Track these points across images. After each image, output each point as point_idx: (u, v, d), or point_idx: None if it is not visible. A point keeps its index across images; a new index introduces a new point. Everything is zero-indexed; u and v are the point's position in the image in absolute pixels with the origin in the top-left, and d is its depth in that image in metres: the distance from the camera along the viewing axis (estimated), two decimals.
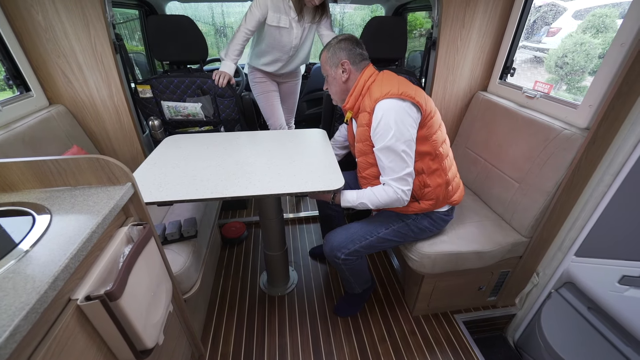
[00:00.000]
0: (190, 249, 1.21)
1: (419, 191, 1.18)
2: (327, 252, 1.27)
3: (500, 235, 1.34)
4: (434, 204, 1.21)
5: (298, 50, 1.78)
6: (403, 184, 1.09)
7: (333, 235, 1.27)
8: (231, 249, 1.95)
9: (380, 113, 1.03)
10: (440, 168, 1.16)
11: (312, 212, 2.23)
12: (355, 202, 1.17)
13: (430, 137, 1.10)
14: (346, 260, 1.25)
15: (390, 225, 1.25)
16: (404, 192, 1.10)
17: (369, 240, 1.24)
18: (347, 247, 1.23)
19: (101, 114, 1.47)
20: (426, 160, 1.13)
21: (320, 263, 1.85)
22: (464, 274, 1.39)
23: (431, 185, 1.17)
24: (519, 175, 1.36)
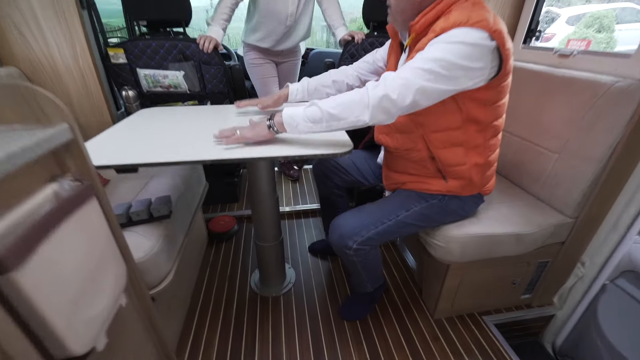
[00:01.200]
0: (160, 232, 0.96)
1: (448, 167, 0.95)
2: (335, 241, 1.03)
3: (540, 216, 1.12)
4: (462, 187, 0.98)
5: (296, 21, 1.59)
6: (386, 82, 0.76)
7: (342, 220, 1.03)
8: (219, 245, 1.70)
9: (457, 35, 0.73)
10: (484, 145, 0.93)
11: (311, 205, 1.99)
12: (301, 115, 0.83)
13: (494, 104, 0.87)
14: (359, 251, 1.01)
15: (412, 207, 1.02)
16: (372, 91, 0.77)
17: (387, 224, 1.00)
18: (359, 233, 0.99)
19: (64, 79, 1.25)
20: (471, 130, 0.90)
21: (321, 259, 1.60)
22: (496, 263, 1.15)
23: (466, 163, 0.94)
24: (557, 144, 1.15)
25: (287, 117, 0.84)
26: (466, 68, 0.75)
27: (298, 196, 2.10)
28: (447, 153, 0.95)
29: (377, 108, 0.79)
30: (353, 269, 1.12)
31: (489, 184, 1.04)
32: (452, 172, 0.97)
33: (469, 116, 0.88)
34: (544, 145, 1.20)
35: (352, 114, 0.81)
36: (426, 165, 1.00)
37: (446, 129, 0.91)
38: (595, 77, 1.04)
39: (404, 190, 1.07)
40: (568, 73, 1.13)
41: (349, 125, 0.83)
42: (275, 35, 1.59)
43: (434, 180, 1.00)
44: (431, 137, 0.94)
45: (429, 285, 1.30)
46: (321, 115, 0.82)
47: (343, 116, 0.81)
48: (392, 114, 0.80)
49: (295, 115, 0.84)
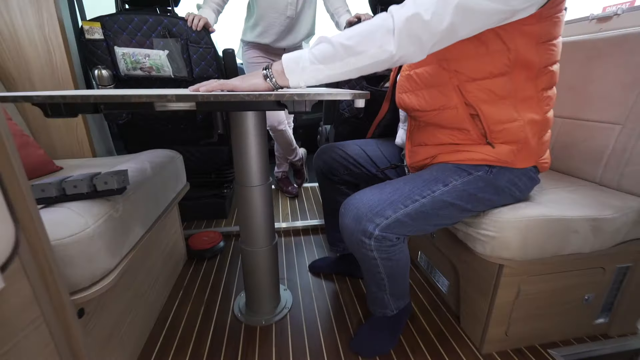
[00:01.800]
0: (102, 211, 0.69)
1: (495, 125, 0.72)
2: (347, 225, 0.75)
3: (616, 199, 0.85)
4: (514, 153, 0.73)
5: (299, 15, 1.49)
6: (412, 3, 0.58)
7: (359, 197, 0.76)
8: (199, 264, 1.37)
9: None
10: (537, 97, 0.72)
11: (311, 221, 1.70)
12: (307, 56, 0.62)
13: (548, 41, 0.68)
14: (382, 241, 0.72)
15: (451, 180, 0.75)
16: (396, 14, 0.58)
17: (420, 202, 0.72)
18: (383, 213, 0.71)
19: (24, 51, 1.07)
20: (520, 77, 0.69)
21: (325, 280, 1.27)
22: (563, 267, 0.85)
23: (518, 120, 0.71)
24: (617, 113, 0.93)
25: (288, 60, 0.63)
26: None
27: (297, 213, 1.82)
28: (490, 108, 0.72)
29: (404, 33, 0.58)
30: (371, 274, 0.82)
31: (546, 154, 0.80)
32: (501, 133, 0.73)
33: (518, 57, 0.67)
34: (598, 119, 0.98)
35: (373, 43, 0.60)
36: (465, 127, 0.76)
37: (488, 75, 0.70)
38: None
39: (438, 164, 0.81)
40: (616, 33, 0.96)
41: (370, 61, 0.61)
42: (275, 27, 1.48)
43: (477, 147, 0.76)
44: (469, 88, 0.72)
45: (472, 305, 0.97)
46: (333, 50, 0.61)
47: (361, 48, 0.60)
48: (423, 43, 0.60)
49: (299, 58, 0.63)
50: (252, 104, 0.70)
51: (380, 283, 0.83)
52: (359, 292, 1.20)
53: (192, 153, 1.53)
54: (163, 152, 1.15)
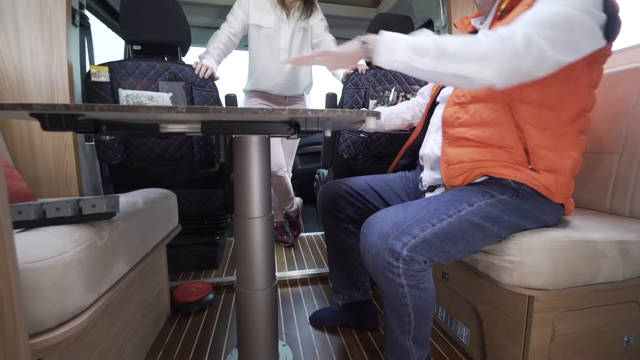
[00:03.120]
0: (86, 237, 0.60)
1: (539, 149, 0.72)
2: (373, 244, 0.67)
3: (633, 224, 0.82)
4: (554, 184, 0.72)
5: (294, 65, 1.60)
6: (516, 40, 0.57)
7: (382, 216, 0.70)
8: (184, 319, 1.20)
9: None
10: (574, 136, 0.74)
11: (309, 270, 1.57)
12: (406, 42, 0.62)
13: (592, 82, 0.72)
14: (411, 263, 0.64)
15: (475, 200, 0.71)
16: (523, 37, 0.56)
17: (447, 221, 0.67)
18: (410, 231, 0.65)
19: (27, 88, 1.07)
20: (566, 112, 0.71)
21: (328, 333, 1.12)
22: (597, 299, 0.77)
23: (561, 151, 0.72)
24: (611, 143, 0.96)
25: (387, 36, 0.64)
26: (589, 24, 0.58)
27: (294, 262, 1.70)
28: (539, 133, 0.71)
29: (504, 67, 0.58)
30: (395, 309, 0.71)
31: (571, 198, 0.79)
32: (543, 159, 0.72)
33: (572, 94, 0.70)
34: (593, 150, 1.00)
35: (474, 56, 0.59)
36: (510, 146, 0.74)
37: (537, 102, 0.71)
38: (629, 66, 0.95)
39: (460, 186, 0.78)
40: None
41: (462, 73, 0.60)
42: (271, 73, 1.57)
43: (523, 169, 0.73)
44: (519, 108, 0.72)
45: (501, 354, 0.84)
46: (429, 46, 0.61)
47: (458, 57, 0.59)
48: (514, 79, 0.60)
49: (397, 38, 0.64)
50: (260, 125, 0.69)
51: (404, 321, 0.72)
52: (370, 346, 1.05)
53: (185, 197, 1.47)
54: (156, 190, 1.09)
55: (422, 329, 0.73)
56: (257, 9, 1.49)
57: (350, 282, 1.13)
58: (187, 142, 1.33)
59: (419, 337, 0.74)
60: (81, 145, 1.22)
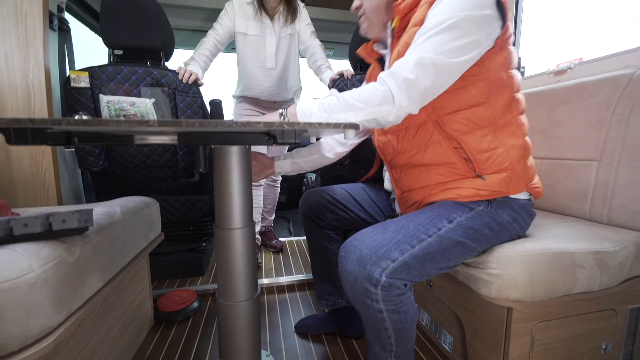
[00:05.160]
0: (54, 254, 0.59)
1: (481, 154, 0.73)
2: (350, 271, 0.66)
3: (610, 232, 0.83)
4: (508, 180, 0.73)
5: (283, 68, 1.59)
6: (400, 67, 0.63)
7: (360, 238, 0.69)
8: (167, 329, 1.18)
9: None
10: (514, 122, 0.75)
11: (297, 276, 1.56)
12: (317, 105, 0.69)
13: (509, 67, 0.73)
14: (390, 289, 0.64)
15: (455, 216, 0.71)
16: (391, 78, 0.64)
17: (428, 241, 0.67)
18: (389, 255, 0.64)
19: (2, 95, 1.04)
20: (499, 103, 0.72)
21: (313, 342, 1.11)
22: (575, 308, 0.78)
23: (501, 146, 0.73)
24: (591, 150, 0.97)
25: (301, 106, 0.72)
26: (478, 18, 0.63)
27: (281, 268, 1.69)
28: (472, 138, 0.73)
29: (399, 93, 0.64)
30: (376, 331, 0.70)
31: (535, 179, 0.79)
32: (487, 162, 0.73)
33: (495, 84, 0.71)
34: (574, 157, 1.02)
35: (373, 102, 0.65)
36: (451, 161, 0.76)
37: (467, 106, 0.72)
38: (606, 75, 0.97)
39: (440, 200, 0.78)
40: (572, 82, 1.06)
41: (370, 116, 0.66)
42: (259, 80, 1.56)
43: (469, 181, 0.74)
44: (448, 121, 0.74)
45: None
46: (338, 103, 0.67)
47: (362, 104, 0.66)
48: (415, 99, 0.65)
49: (310, 105, 0.71)
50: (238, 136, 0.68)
51: (385, 342, 0.71)
52: (354, 355, 1.04)
53: (170, 203, 1.44)
54: (138, 198, 1.07)
55: (404, 347, 0.73)
56: (242, 17, 1.48)
57: (333, 288, 1.13)
58: (170, 149, 1.31)
59: (401, 354, 0.74)
60: (60, 151, 1.19)
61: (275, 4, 1.49)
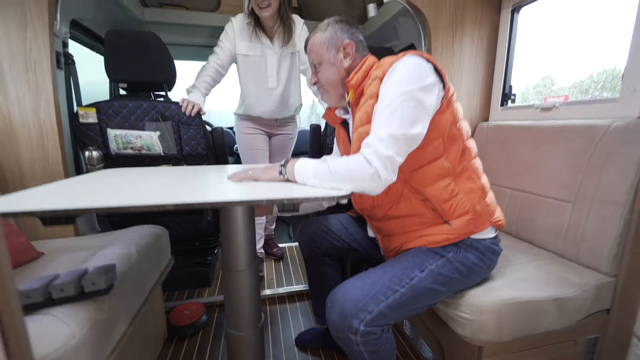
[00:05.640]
0: (89, 315, 0.68)
1: (445, 203, 0.83)
2: (335, 322, 0.78)
3: (574, 275, 0.93)
4: (472, 221, 0.83)
5: (285, 87, 1.61)
6: (379, 145, 0.72)
7: (343, 291, 0.80)
8: (180, 342, 1.31)
9: (401, 65, 0.77)
10: (469, 168, 0.86)
11: (297, 287, 1.69)
12: (311, 168, 0.77)
13: (457, 121, 0.83)
14: (368, 335, 0.75)
15: (427, 265, 0.82)
16: (375, 157, 0.72)
17: (400, 292, 0.78)
18: (366, 308, 0.75)
19: (16, 134, 1.11)
20: (453, 153, 0.83)
21: (312, 355, 1.25)
22: (539, 343, 0.90)
23: (460, 192, 0.83)
24: (567, 192, 1.05)
25: (299, 168, 0.79)
26: (422, 88, 0.74)
27: (282, 277, 1.81)
28: (436, 188, 0.83)
29: (382, 168, 0.72)
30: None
31: (497, 213, 0.90)
32: (451, 208, 0.83)
33: (448, 139, 0.82)
34: (553, 196, 1.10)
35: (363, 177, 0.73)
36: (421, 211, 0.86)
37: (428, 162, 0.82)
38: (586, 122, 1.03)
39: (412, 249, 0.88)
40: (556, 123, 1.13)
41: (360, 190, 0.74)
42: (261, 99, 1.59)
43: (438, 228, 0.85)
44: (414, 178, 0.84)
45: None
46: (329, 175, 0.75)
47: (352, 180, 0.74)
48: (394, 167, 0.74)
49: (306, 169, 0.77)
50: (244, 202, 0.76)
51: None
52: None
53: (176, 222, 1.54)
54: (149, 230, 1.16)
55: None
56: (242, 39, 1.50)
57: None
58: None
59: None
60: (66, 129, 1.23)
61: (272, 23, 1.50)
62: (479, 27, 1.44)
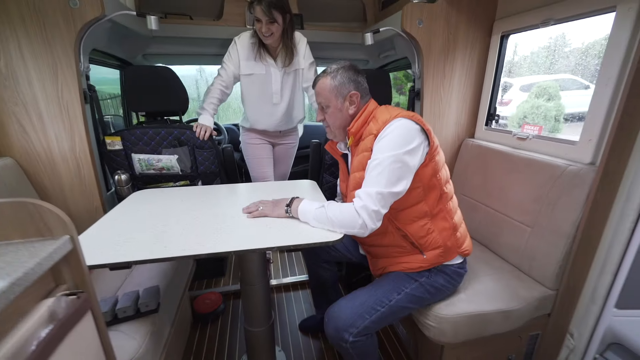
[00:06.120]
0: (147, 330, 0.92)
1: (421, 239, 1.03)
2: (331, 333, 1.02)
3: (524, 289, 1.16)
4: (442, 254, 1.04)
5: (288, 102, 1.69)
6: (368, 201, 0.90)
7: (336, 311, 1.03)
8: (204, 327, 1.60)
9: (392, 128, 0.94)
10: (444, 209, 1.04)
11: (299, 277, 1.96)
12: (313, 213, 0.95)
13: (437, 172, 1.00)
14: (356, 343, 0.99)
15: (403, 289, 1.05)
16: (364, 211, 0.90)
17: (381, 311, 1.01)
18: (355, 324, 0.99)
19: (58, 167, 1.29)
20: (431, 199, 1.01)
21: (313, 339, 1.53)
22: (489, 340, 1.15)
23: (435, 230, 1.03)
24: (529, 218, 1.25)
25: (301, 210, 0.98)
26: (407, 151, 0.91)
27: (287, 267, 2.07)
28: (415, 226, 1.03)
29: (369, 219, 0.91)
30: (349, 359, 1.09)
31: (465, 243, 1.10)
32: (426, 243, 1.03)
33: (427, 188, 1.00)
34: (517, 219, 1.30)
35: (351, 225, 0.93)
36: (401, 244, 1.06)
37: (410, 205, 1.01)
38: (551, 159, 1.20)
39: (392, 273, 1.10)
40: (527, 155, 1.29)
41: (350, 233, 0.94)
42: (265, 115, 1.70)
43: (414, 257, 1.06)
44: (398, 217, 1.03)
45: None
46: (327, 220, 0.94)
47: (344, 227, 0.93)
48: (380, 216, 0.93)
49: (307, 212, 0.97)
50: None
51: None
52: None
53: None
54: None
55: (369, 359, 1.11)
56: (246, 60, 1.57)
57: (326, 303, 1.51)
58: None
59: None
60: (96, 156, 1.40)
61: (276, 44, 1.56)
62: (470, 50, 1.53)
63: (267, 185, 1.44)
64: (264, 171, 1.81)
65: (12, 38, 1.12)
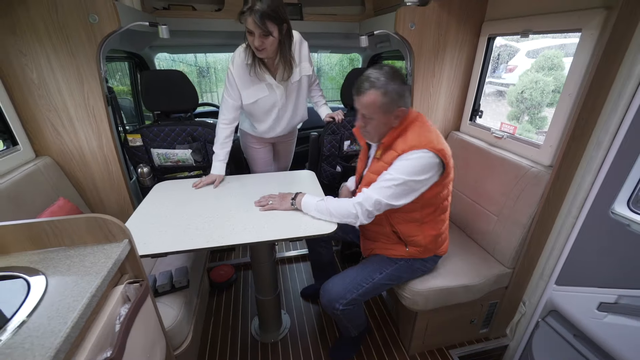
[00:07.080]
0: (182, 300, 1.18)
1: (408, 237, 1.24)
2: (325, 303, 1.27)
3: (485, 268, 1.40)
4: (421, 252, 1.26)
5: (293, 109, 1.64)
6: (367, 202, 1.09)
7: (330, 286, 1.27)
8: (220, 294, 1.89)
9: (415, 156, 1.04)
10: (434, 220, 1.23)
11: (301, 250, 2.22)
12: (314, 205, 1.16)
13: (441, 193, 1.17)
14: (345, 310, 1.24)
15: (384, 270, 1.28)
16: (360, 207, 1.09)
17: (366, 287, 1.25)
18: (344, 297, 1.23)
19: (89, 164, 1.47)
20: (425, 211, 1.19)
21: (312, 304, 1.82)
22: (455, 308, 1.42)
23: (420, 235, 1.22)
24: (496, 209, 1.46)
25: (304, 203, 1.20)
26: (416, 181, 1.06)
27: (290, 242, 2.33)
28: (404, 227, 1.23)
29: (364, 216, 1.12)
30: (340, 322, 1.36)
31: (443, 247, 1.32)
32: (411, 241, 1.25)
33: (425, 201, 1.17)
34: (487, 209, 1.51)
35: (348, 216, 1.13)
36: (390, 235, 1.28)
37: (406, 211, 1.20)
38: (519, 160, 1.37)
39: (377, 255, 1.33)
40: (500, 153, 1.46)
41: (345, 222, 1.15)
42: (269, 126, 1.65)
43: (398, 247, 1.28)
44: (393, 216, 1.23)
45: (403, 326, 1.55)
46: (327, 211, 1.15)
47: (340, 217, 1.14)
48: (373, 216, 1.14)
49: (309, 204, 1.19)
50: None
51: (345, 325, 1.37)
52: None
53: None
54: None
55: (356, 324, 1.38)
56: (246, 89, 1.46)
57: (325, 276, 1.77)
58: None
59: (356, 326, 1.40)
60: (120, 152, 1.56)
61: (272, 56, 1.41)
62: (459, 51, 1.63)
63: (269, 177, 1.61)
64: (267, 169, 1.91)
65: (42, 53, 1.25)
